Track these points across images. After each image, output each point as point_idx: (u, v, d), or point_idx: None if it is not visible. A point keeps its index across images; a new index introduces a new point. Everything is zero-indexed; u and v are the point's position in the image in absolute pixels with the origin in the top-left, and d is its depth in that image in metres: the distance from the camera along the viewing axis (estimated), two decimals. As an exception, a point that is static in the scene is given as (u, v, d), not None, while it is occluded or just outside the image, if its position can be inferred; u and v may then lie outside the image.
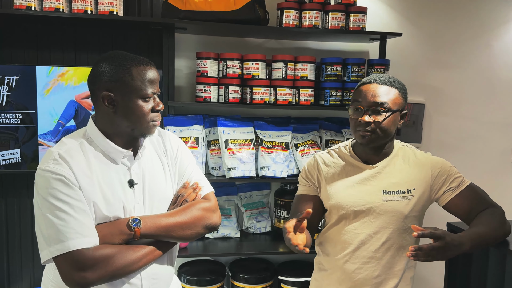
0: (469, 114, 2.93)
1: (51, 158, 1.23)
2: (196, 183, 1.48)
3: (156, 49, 2.49)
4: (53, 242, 1.18)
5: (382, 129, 1.49)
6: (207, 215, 1.42)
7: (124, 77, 1.27)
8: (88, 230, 1.21)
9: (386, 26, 2.72)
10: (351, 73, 2.47)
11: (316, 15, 2.38)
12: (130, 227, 1.27)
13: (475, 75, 2.91)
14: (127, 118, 1.29)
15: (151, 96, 1.31)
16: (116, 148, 1.32)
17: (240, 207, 2.66)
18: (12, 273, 2.49)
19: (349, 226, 1.56)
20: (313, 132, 2.57)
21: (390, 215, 1.52)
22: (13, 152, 2.31)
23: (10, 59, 2.37)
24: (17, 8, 2.10)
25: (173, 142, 1.49)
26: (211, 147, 2.43)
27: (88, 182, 1.24)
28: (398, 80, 1.56)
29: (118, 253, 1.24)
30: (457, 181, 1.56)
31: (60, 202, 1.19)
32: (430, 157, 1.61)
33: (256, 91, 2.36)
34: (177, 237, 1.36)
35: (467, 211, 1.53)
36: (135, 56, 1.32)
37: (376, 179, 1.56)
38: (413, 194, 1.54)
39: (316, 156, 1.68)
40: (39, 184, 1.23)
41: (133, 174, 1.35)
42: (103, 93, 1.27)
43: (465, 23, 2.85)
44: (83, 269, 1.18)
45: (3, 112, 2.27)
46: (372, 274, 1.55)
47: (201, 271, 2.47)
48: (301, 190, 1.68)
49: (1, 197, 2.46)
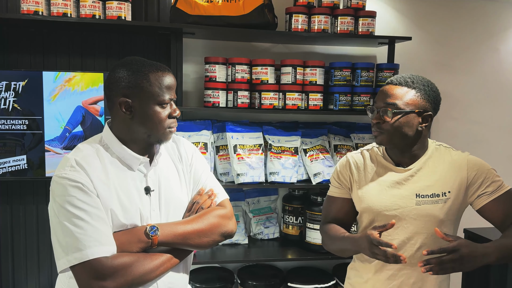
0: (477, 118, 2.92)
1: (68, 165, 1.21)
2: (211, 190, 1.46)
3: (164, 54, 2.47)
4: (71, 251, 1.16)
5: (392, 129, 1.47)
6: (224, 222, 1.40)
7: (142, 83, 1.25)
8: (106, 238, 1.19)
9: (394, 31, 2.72)
10: (360, 77, 2.45)
11: (325, 20, 2.37)
12: (148, 235, 1.24)
13: (483, 79, 2.90)
14: (144, 124, 1.28)
15: (168, 102, 1.30)
16: (132, 155, 1.30)
17: (247, 213, 2.63)
18: (17, 280, 2.46)
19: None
20: (321, 137, 2.55)
21: (424, 220, 1.48)
22: (19, 159, 2.28)
23: (17, 64, 2.35)
24: (24, 13, 2.08)
25: (187, 149, 1.48)
26: (220, 153, 2.41)
27: (105, 189, 1.22)
28: (422, 80, 1.52)
29: (137, 261, 1.21)
30: (495, 185, 1.48)
31: (78, 210, 1.17)
32: (467, 158, 1.53)
33: (265, 96, 2.34)
34: (194, 245, 1.33)
35: (502, 218, 1.46)
36: (152, 62, 1.31)
37: (409, 182, 1.52)
38: (448, 197, 1.48)
39: (348, 156, 1.66)
40: (56, 192, 1.20)
41: (149, 181, 1.33)
42: (120, 99, 1.26)
43: (473, 27, 2.85)
44: (102, 278, 1.16)
45: (9, 118, 2.24)
46: (407, 281, 1.51)
47: (210, 278, 2.44)
48: (333, 191, 1.66)
49: (6, 203, 2.42)
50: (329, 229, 1.58)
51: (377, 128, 1.51)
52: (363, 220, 1.59)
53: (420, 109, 1.49)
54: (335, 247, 1.58)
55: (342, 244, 1.52)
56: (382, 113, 1.49)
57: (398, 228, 1.49)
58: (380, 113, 1.50)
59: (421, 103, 1.50)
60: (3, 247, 2.42)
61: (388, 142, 1.51)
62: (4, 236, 2.42)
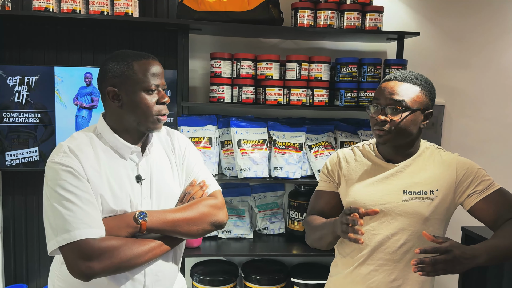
0: (491, 116, 2.84)
1: (61, 151, 1.27)
2: (203, 181, 1.49)
3: (172, 50, 2.51)
4: (60, 232, 1.20)
5: (399, 128, 1.44)
6: (214, 212, 1.42)
7: (126, 71, 1.30)
8: (95, 221, 1.23)
9: (405, 26, 2.67)
10: (367, 73, 2.43)
11: (331, 15, 2.36)
12: (136, 220, 1.28)
13: (497, 76, 2.82)
14: (133, 112, 1.32)
15: (154, 89, 1.33)
16: (124, 144, 1.34)
17: (253, 208, 2.65)
18: (31, 269, 2.55)
19: (367, 226, 1.50)
20: (327, 133, 2.54)
21: (409, 216, 1.46)
22: (32, 151, 2.37)
23: (31, 60, 2.44)
24: (36, 10, 2.15)
25: (181, 141, 1.51)
26: (224, 147, 2.44)
27: (95, 175, 1.27)
28: (423, 77, 1.50)
29: (124, 245, 1.25)
30: (484, 184, 1.46)
31: (68, 193, 1.21)
32: (456, 158, 1.52)
33: (269, 92, 2.35)
34: (183, 233, 1.36)
35: (494, 218, 1.43)
36: (138, 52, 1.36)
37: (397, 178, 1.50)
38: (435, 196, 1.46)
39: (338, 152, 1.66)
40: (48, 176, 1.26)
41: (141, 170, 1.37)
42: (108, 88, 1.31)
43: (486, 22, 2.77)
44: (89, 259, 1.19)
45: (22, 112, 2.33)
46: (388, 277, 1.49)
47: (214, 271, 2.48)
48: (321, 185, 1.65)
49: (21, 194, 2.52)
50: (312, 220, 1.57)
51: (381, 127, 1.45)
52: None
53: (424, 107, 1.47)
54: (315, 236, 1.54)
55: (321, 230, 1.49)
56: (391, 111, 1.44)
57: (383, 223, 1.48)
58: (387, 110, 1.45)
59: (425, 100, 1.47)
60: (17, 234, 2.52)
61: (394, 141, 1.47)
62: (18, 225, 2.52)
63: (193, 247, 2.37)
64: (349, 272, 1.55)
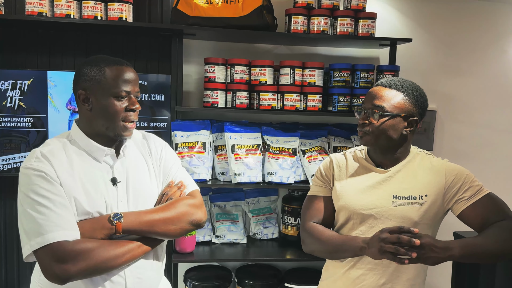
0: (483, 121, 2.88)
1: (33, 157, 1.27)
2: (180, 181, 1.49)
3: (166, 55, 2.51)
4: (33, 236, 1.20)
5: (378, 131, 1.49)
6: (192, 211, 1.42)
7: (98, 76, 1.31)
8: (69, 224, 1.22)
9: (397, 32, 2.70)
10: (359, 79, 2.45)
11: (325, 21, 2.38)
12: (111, 221, 1.27)
13: (489, 81, 2.86)
14: (101, 116, 1.33)
15: (125, 96, 1.34)
16: (97, 146, 1.35)
17: (247, 213, 2.65)
18: (22, 275, 2.53)
19: (356, 230, 1.53)
20: (321, 138, 2.55)
21: (398, 221, 1.48)
22: (24, 156, 2.35)
23: (24, 64, 2.42)
24: (29, 14, 2.15)
25: (157, 143, 1.52)
26: (218, 152, 2.44)
27: (69, 178, 1.27)
28: (412, 84, 1.53)
29: (100, 247, 1.24)
30: (473, 190, 1.48)
31: (41, 197, 1.21)
32: (446, 164, 1.55)
33: (263, 97, 2.36)
34: (161, 233, 1.35)
35: (482, 223, 1.44)
36: (113, 58, 1.36)
37: (387, 183, 1.53)
38: (424, 201, 1.49)
39: (331, 156, 1.68)
40: (21, 182, 1.26)
41: (116, 172, 1.37)
42: (78, 91, 1.33)
43: (478, 28, 2.81)
44: (63, 261, 1.18)
45: (15, 116, 2.32)
46: (377, 281, 1.51)
47: (207, 276, 2.47)
48: (315, 190, 1.66)
49: (13, 199, 2.50)
50: (319, 231, 1.56)
51: (362, 129, 1.53)
52: (340, 217, 1.59)
53: (407, 114, 1.50)
54: (326, 248, 1.54)
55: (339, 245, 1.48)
56: (369, 114, 1.50)
57: (372, 228, 1.50)
58: (367, 114, 1.51)
59: (408, 107, 1.50)
60: (8, 239, 2.50)
61: (373, 143, 1.53)
62: (9, 230, 2.50)
63: (187, 252, 2.37)
64: (340, 275, 1.57)
